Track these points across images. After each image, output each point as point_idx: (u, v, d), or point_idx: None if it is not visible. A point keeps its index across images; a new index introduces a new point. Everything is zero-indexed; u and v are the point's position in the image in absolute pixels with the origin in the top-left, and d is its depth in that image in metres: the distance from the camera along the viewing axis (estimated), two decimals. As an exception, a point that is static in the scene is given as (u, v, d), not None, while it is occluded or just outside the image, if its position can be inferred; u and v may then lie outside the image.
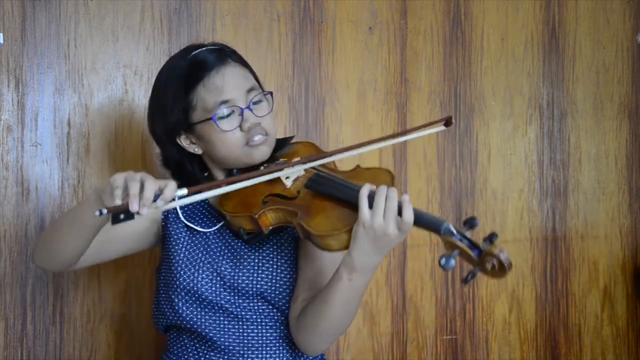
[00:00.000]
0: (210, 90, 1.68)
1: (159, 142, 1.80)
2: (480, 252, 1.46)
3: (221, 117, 1.68)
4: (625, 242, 2.72)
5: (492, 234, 1.46)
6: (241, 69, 1.74)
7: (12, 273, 2.15)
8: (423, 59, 2.52)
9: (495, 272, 1.45)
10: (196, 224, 1.78)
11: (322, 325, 1.65)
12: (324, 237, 1.56)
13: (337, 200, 1.60)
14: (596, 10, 2.68)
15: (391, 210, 1.50)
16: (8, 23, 2.15)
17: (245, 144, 1.70)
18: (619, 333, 2.71)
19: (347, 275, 1.57)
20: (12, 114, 2.16)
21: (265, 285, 1.72)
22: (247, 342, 1.72)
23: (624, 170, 2.73)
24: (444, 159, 2.54)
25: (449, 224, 1.48)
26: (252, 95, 1.71)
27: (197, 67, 1.70)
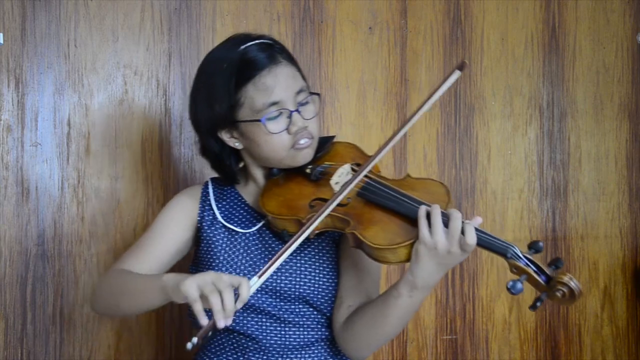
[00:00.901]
0: (260, 90, 1.65)
1: (199, 131, 1.77)
2: (549, 279, 1.46)
3: (269, 119, 1.65)
4: (625, 242, 2.72)
5: (557, 259, 1.46)
6: (291, 68, 1.70)
7: (12, 273, 2.15)
8: (423, 59, 2.52)
9: (564, 300, 1.44)
10: (235, 225, 1.75)
11: (375, 337, 1.64)
12: (381, 250, 1.53)
13: (394, 212, 1.57)
14: (596, 10, 2.68)
15: (454, 230, 1.47)
16: (8, 23, 2.15)
17: (291, 147, 1.67)
18: (619, 333, 2.71)
19: (407, 292, 1.55)
20: (12, 114, 2.16)
21: (307, 289, 1.69)
22: (288, 343, 1.70)
23: (624, 170, 2.73)
24: (444, 159, 2.54)
25: (515, 247, 1.47)
26: (301, 97, 1.68)
27: (248, 65, 1.66)
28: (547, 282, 1.46)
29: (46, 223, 2.17)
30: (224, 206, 1.79)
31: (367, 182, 1.63)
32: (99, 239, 2.22)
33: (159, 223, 1.78)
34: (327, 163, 1.73)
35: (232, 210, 1.79)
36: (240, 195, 1.80)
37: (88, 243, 2.21)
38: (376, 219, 1.57)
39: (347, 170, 1.68)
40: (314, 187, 1.68)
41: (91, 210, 2.21)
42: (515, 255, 1.47)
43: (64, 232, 2.19)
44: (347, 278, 1.73)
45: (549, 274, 1.46)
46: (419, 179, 1.68)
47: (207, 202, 1.79)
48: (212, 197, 1.80)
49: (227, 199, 1.80)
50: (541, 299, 1.47)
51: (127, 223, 2.24)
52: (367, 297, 1.71)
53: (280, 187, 1.73)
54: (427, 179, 1.69)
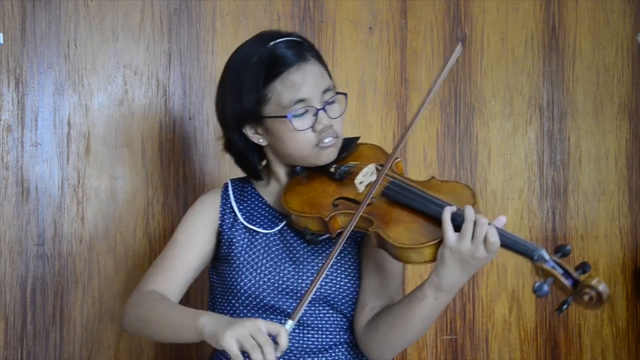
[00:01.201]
0: (288, 87, 1.65)
1: (224, 125, 1.76)
2: (576, 282, 1.44)
3: (295, 116, 1.65)
4: (625, 242, 2.72)
5: (584, 263, 1.45)
6: (319, 67, 1.71)
7: (12, 273, 2.15)
8: (423, 59, 2.52)
9: (592, 304, 1.43)
10: (257, 225, 1.75)
11: (398, 339, 1.63)
12: (405, 250, 1.52)
13: (418, 213, 1.56)
14: (596, 10, 2.68)
15: (479, 235, 1.47)
16: (8, 23, 2.15)
17: (316, 145, 1.67)
18: (619, 333, 2.71)
19: (433, 295, 1.54)
20: (12, 114, 2.16)
21: (328, 290, 1.69)
22: (306, 346, 1.69)
23: (624, 170, 2.73)
24: (444, 159, 2.54)
25: (542, 250, 1.46)
26: (328, 96, 1.69)
27: (277, 61, 1.65)
28: (574, 285, 1.44)
29: (46, 223, 2.17)
30: (245, 207, 1.78)
31: (392, 182, 1.63)
32: (99, 239, 2.22)
33: (181, 237, 1.77)
34: (351, 163, 1.72)
35: (253, 211, 1.78)
36: (261, 196, 1.80)
37: (88, 243, 2.21)
38: (400, 218, 1.57)
39: (371, 170, 1.67)
40: (337, 186, 1.67)
41: (91, 210, 2.21)
42: (541, 257, 1.46)
43: (64, 232, 2.19)
44: (369, 280, 1.72)
45: (576, 277, 1.44)
46: (445, 181, 1.67)
47: (227, 204, 1.79)
48: (233, 198, 1.79)
49: (248, 200, 1.80)
50: (568, 303, 1.45)
51: (127, 223, 2.24)
52: (390, 299, 1.70)
53: (303, 185, 1.72)
54: (453, 182, 1.69)
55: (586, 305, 1.43)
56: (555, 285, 1.46)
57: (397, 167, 1.72)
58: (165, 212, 2.27)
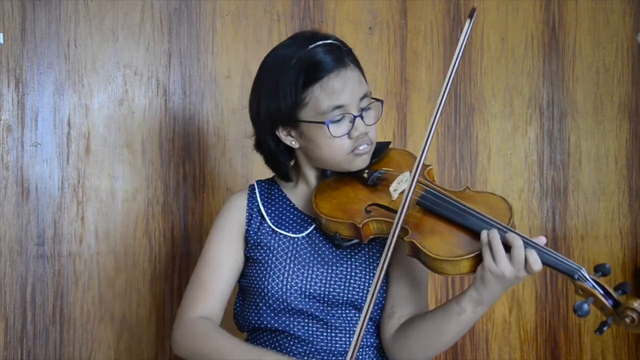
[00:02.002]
0: (327, 93, 1.63)
1: (258, 126, 1.74)
2: (617, 304, 1.45)
3: (333, 122, 1.63)
4: (625, 242, 2.72)
5: (624, 283, 1.45)
6: (357, 73, 1.70)
7: (12, 273, 2.15)
8: (423, 59, 2.52)
9: (633, 326, 1.43)
10: (285, 229, 1.73)
11: (430, 348, 1.63)
12: (441, 262, 1.51)
13: (454, 224, 1.55)
14: (596, 10, 2.68)
15: (518, 258, 1.47)
16: (8, 23, 2.15)
17: (351, 151, 1.66)
18: (619, 333, 2.71)
19: (472, 309, 1.55)
20: (12, 114, 2.16)
21: (357, 295, 1.68)
22: (334, 348, 1.68)
23: (624, 170, 2.73)
24: (444, 159, 2.54)
25: (583, 270, 1.46)
26: (364, 103, 1.67)
27: (317, 66, 1.64)
28: (615, 306, 1.45)
29: (46, 223, 2.17)
30: (273, 211, 1.76)
31: (427, 191, 1.61)
32: (99, 239, 2.22)
33: (212, 252, 1.75)
34: (384, 169, 1.71)
35: (281, 214, 1.76)
36: (288, 199, 1.78)
37: (88, 243, 2.21)
38: (436, 229, 1.55)
39: (407, 178, 1.65)
40: (370, 192, 1.66)
41: (91, 210, 2.21)
42: (582, 277, 1.46)
43: (64, 232, 2.19)
44: (398, 288, 1.71)
45: (616, 298, 1.45)
46: (480, 192, 1.66)
47: (254, 207, 1.77)
48: (260, 200, 1.77)
49: (276, 203, 1.78)
50: (608, 324, 1.45)
51: (127, 223, 2.24)
52: (419, 308, 1.70)
53: (334, 189, 1.71)
54: (488, 193, 1.67)
55: (627, 326, 1.44)
56: (595, 305, 1.47)
57: (429, 175, 1.71)
58: (165, 212, 2.27)
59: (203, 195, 2.30)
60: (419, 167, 1.56)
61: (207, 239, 1.77)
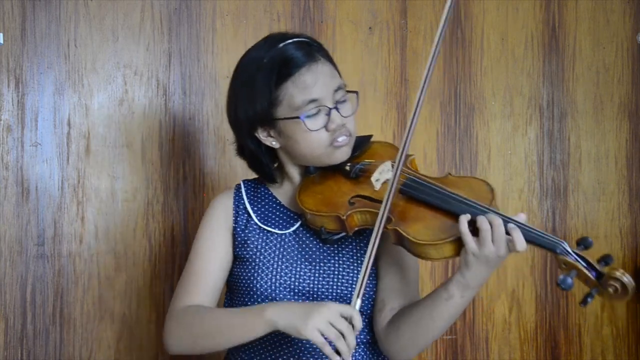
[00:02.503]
0: (300, 88, 1.65)
1: (237, 130, 1.76)
2: (600, 275, 1.45)
3: (308, 116, 1.65)
4: (625, 242, 2.72)
5: (607, 255, 1.46)
6: (329, 66, 1.71)
7: (12, 273, 2.15)
8: (423, 59, 2.52)
9: (616, 295, 1.43)
10: (271, 226, 1.74)
11: (422, 337, 1.63)
12: (424, 246, 1.52)
13: (436, 209, 1.56)
14: (596, 10, 2.68)
15: (499, 237, 1.48)
16: (8, 23, 2.15)
17: (329, 144, 1.67)
18: (619, 333, 2.71)
19: (460, 294, 1.55)
20: (12, 114, 2.16)
21: (345, 290, 1.68)
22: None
23: (624, 170, 2.73)
24: (444, 159, 2.54)
25: (564, 243, 1.47)
26: (339, 95, 1.69)
27: (288, 62, 1.66)
28: (598, 277, 1.45)
29: (46, 223, 2.17)
30: (259, 208, 1.77)
31: (409, 179, 1.63)
32: (99, 239, 2.22)
33: (201, 248, 1.76)
34: (366, 160, 1.72)
35: (267, 212, 1.77)
36: (275, 197, 1.79)
37: (88, 243, 2.21)
38: (419, 215, 1.57)
39: (388, 167, 1.67)
40: (353, 184, 1.67)
41: (91, 210, 2.21)
42: (564, 251, 1.47)
43: (64, 232, 2.19)
44: (388, 280, 1.72)
45: (599, 269, 1.45)
46: (461, 177, 1.69)
47: (240, 205, 1.78)
48: (246, 199, 1.79)
49: (262, 200, 1.79)
50: (592, 295, 1.45)
51: (127, 223, 2.24)
52: (409, 298, 1.70)
53: (317, 184, 1.72)
54: (470, 177, 1.69)
55: (610, 297, 1.44)
56: (579, 277, 1.46)
57: (412, 164, 1.72)
58: (165, 212, 2.27)
59: (203, 195, 2.30)
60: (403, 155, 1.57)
61: (196, 237, 1.78)
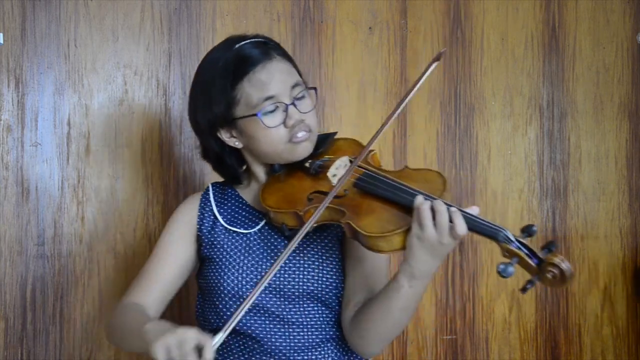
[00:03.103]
0: (255, 86, 1.67)
1: (199, 133, 1.78)
2: (541, 261, 1.44)
3: (265, 113, 1.67)
4: (625, 242, 2.72)
5: (551, 242, 1.45)
6: (286, 63, 1.72)
7: (12, 273, 2.15)
8: (423, 59, 2.52)
9: (556, 282, 1.43)
10: (237, 226, 1.76)
11: (382, 331, 1.64)
12: (374, 239, 1.54)
13: (388, 202, 1.57)
14: (596, 10, 2.68)
15: (442, 223, 1.49)
16: (8, 23, 2.15)
17: (289, 140, 1.69)
18: (619, 333, 2.71)
19: (408, 283, 1.56)
20: (12, 114, 2.16)
21: (312, 285, 1.70)
22: (293, 344, 1.70)
23: (624, 170, 2.73)
24: (444, 159, 2.54)
25: (506, 231, 1.47)
26: (297, 91, 1.70)
27: (243, 62, 1.68)
28: (539, 264, 1.44)
29: (46, 223, 2.17)
30: (226, 210, 1.79)
31: (364, 173, 1.64)
32: (99, 239, 2.22)
33: (160, 249, 1.79)
34: (326, 157, 1.74)
35: (233, 212, 1.79)
36: (241, 197, 1.81)
37: (88, 243, 2.21)
38: (372, 208, 1.58)
39: (344, 163, 1.69)
40: (312, 181, 1.69)
41: (91, 210, 2.21)
42: (506, 238, 1.47)
43: (64, 232, 2.19)
44: (351, 276, 1.74)
45: (540, 256, 1.44)
46: (417, 169, 1.70)
47: (207, 208, 1.80)
48: (214, 201, 1.80)
49: (228, 202, 1.81)
50: (532, 282, 1.45)
51: (127, 223, 2.24)
52: (373, 292, 1.71)
53: (280, 182, 1.74)
54: (425, 169, 1.72)
55: (551, 283, 1.44)
56: (520, 265, 1.46)
57: (373, 159, 1.74)
58: (165, 212, 2.27)
59: (203, 195, 2.30)
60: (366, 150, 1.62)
61: (159, 238, 1.81)
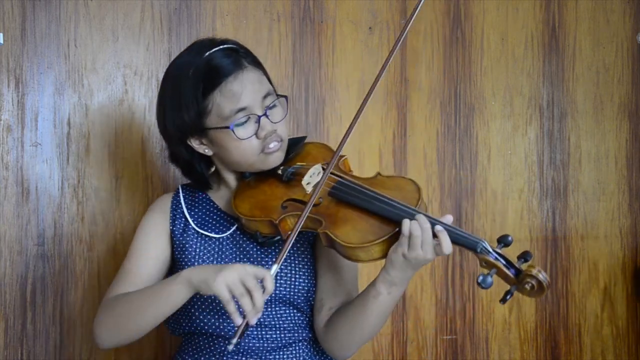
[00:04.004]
0: (227, 97, 1.65)
1: (168, 139, 1.77)
2: (518, 272, 1.48)
3: (237, 125, 1.65)
4: (625, 242, 2.72)
5: (526, 252, 1.49)
6: (257, 73, 1.71)
7: (12, 273, 2.15)
8: (423, 59, 2.52)
9: (533, 292, 1.47)
10: (208, 230, 1.76)
11: (358, 335, 1.66)
12: (353, 249, 1.54)
13: (365, 211, 1.58)
14: (596, 10, 2.68)
15: (428, 241, 1.50)
16: (8, 23, 2.15)
17: (261, 151, 1.68)
18: (619, 333, 2.71)
19: (386, 290, 1.58)
20: (12, 114, 2.16)
21: (284, 290, 1.70)
22: (267, 345, 1.71)
23: (624, 170, 2.73)
24: (444, 159, 2.54)
25: (484, 242, 1.49)
26: (268, 101, 1.69)
27: (214, 72, 1.65)
28: (517, 275, 1.48)
29: (46, 223, 2.17)
30: (197, 213, 1.79)
31: (338, 182, 1.64)
32: (99, 239, 2.22)
33: (137, 248, 1.78)
34: (298, 164, 1.74)
35: (205, 216, 1.78)
36: (212, 201, 1.80)
37: (88, 243, 2.21)
38: (348, 217, 1.59)
39: (318, 170, 1.68)
40: (285, 188, 1.69)
41: (91, 210, 2.21)
42: (484, 249, 1.49)
43: (64, 232, 2.19)
44: (325, 280, 1.74)
45: (517, 267, 1.48)
46: (390, 176, 1.70)
47: (178, 210, 1.79)
48: (184, 204, 1.80)
49: (199, 205, 1.80)
50: (511, 292, 1.49)
51: (127, 223, 2.24)
52: (347, 297, 1.72)
53: (252, 189, 1.73)
54: (398, 177, 1.73)
55: (528, 293, 1.47)
56: (499, 275, 1.50)
57: (344, 165, 1.74)
58: (165, 212, 2.27)
59: (203, 195, 2.30)
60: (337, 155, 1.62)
61: (134, 237, 1.80)
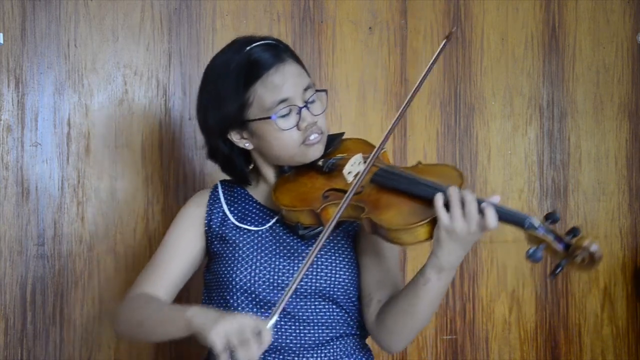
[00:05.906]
0: (269, 89, 1.67)
1: (208, 134, 1.78)
2: (567, 246, 1.45)
3: (279, 116, 1.67)
4: (625, 242, 2.72)
5: (575, 228, 1.47)
6: (297, 66, 1.73)
7: (12, 273, 2.15)
8: (423, 59, 2.52)
9: (584, 265, 1.43)
10: (247, 224, 1.76)
11: (410, 325, 1.65)
12: (397, 232, 1.54)
13: (407, 195, 1.58)
14: (596, 10, 2.68)
15: (471, 213, 1.49)
16: (8, 23, 2.15)
17: (302, 142, 1.69)
18: (619, 333, 2.71)
19: (436, 276, 1.56)
20: (12, 114, 2.16)
21: (324, 283, 1.70)
22: (303, 342, 1.70)
23: (624, 170, 2.73)
24: (444, 159, 2.54)
25: (532, 218, 1.48)
26: (308, 94, 1.71)
27: (255, 65, 1.68)
28: (566, 249, 1.45)
29: (46, 223, 2.17)
30: (235, 207, 1.79)
31: (380, 169, 1.65)
32: (99, 239, 2.22)
33: (169, 241, 1.79)
34: (338, 155, 1.75)
35: (244, 210, 1.79)
36: (251, 196, 1.81)
37: (88, 243, 2.21)
38: (391, 202, 1.59)
39: (359, 160, 1.69)
40: (326, 179, 1.69)
41: (91, 210, 2.21)
42: (532, 225, 1.48)
43: (64, 232, 2.19)
44: (370, 273, 1.74)
45: (567, 241, 1.46)
46: (432, 164, 1.71)
47: (216, 205, 1.80)
48: (223, 199, 1.80)
49: (238, 200, 1.81)
50: (561, 266, 1.45)
51: (127, 223, 2.24)
52: (394, 287, 1.72)
53: (292, 182, 1.74)
54: (440, 164, 1.73)
55: (579, 267, 1.44)
56: (547, 250, 1.47)
57: (383, 157, 1.75)
58: (165, 212, 2.27)
59: (203, 195, 2.30)
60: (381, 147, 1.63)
61: (167, 231, 1.81)
